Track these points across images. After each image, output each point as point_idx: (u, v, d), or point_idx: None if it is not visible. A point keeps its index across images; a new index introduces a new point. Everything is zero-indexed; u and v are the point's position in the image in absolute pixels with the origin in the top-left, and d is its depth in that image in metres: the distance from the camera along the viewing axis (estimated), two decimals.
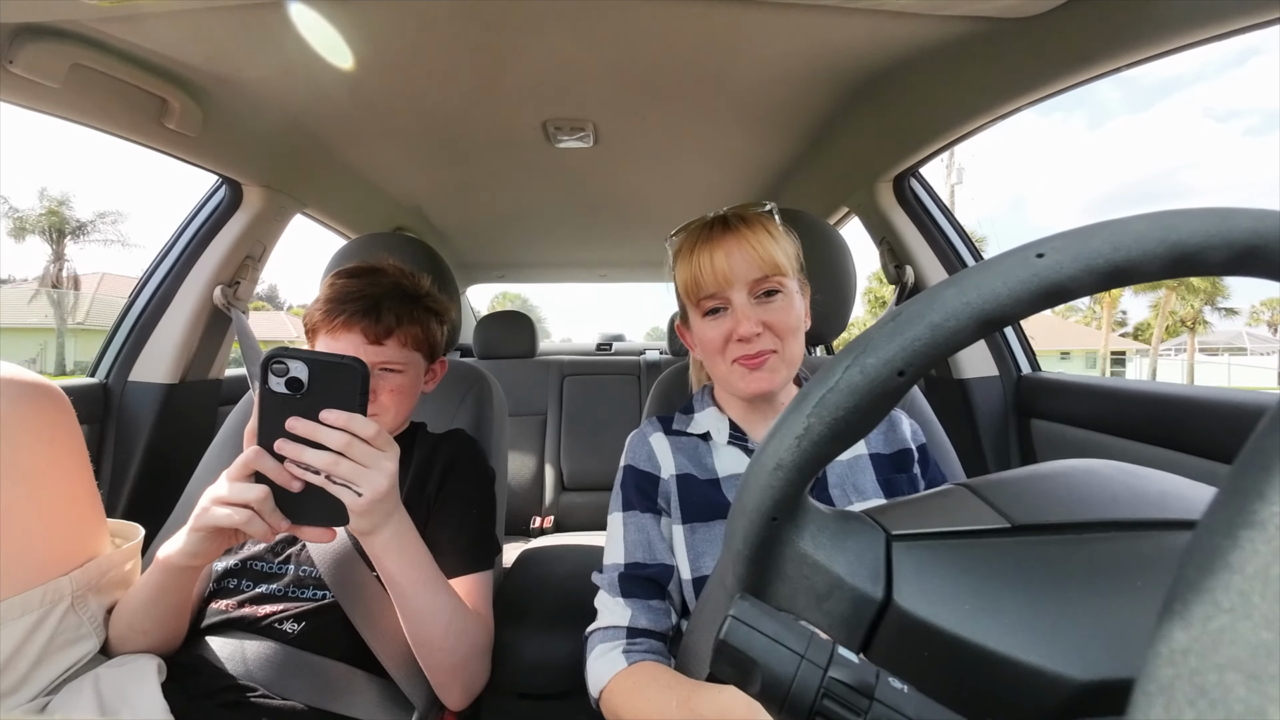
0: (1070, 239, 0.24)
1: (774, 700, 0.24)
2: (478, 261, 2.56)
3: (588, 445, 2.08)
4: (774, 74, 0.98)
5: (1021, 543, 0.27)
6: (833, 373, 0.26)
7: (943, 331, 0.24)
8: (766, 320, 0.68)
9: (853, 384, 0.25)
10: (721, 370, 0.72)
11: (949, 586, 0.26)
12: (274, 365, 0.53)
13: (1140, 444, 0.96)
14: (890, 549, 0.28)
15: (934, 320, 0.24)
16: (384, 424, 0.79)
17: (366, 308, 0.76)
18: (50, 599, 0.58)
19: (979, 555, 0.27)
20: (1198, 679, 0.10)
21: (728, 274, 0.68)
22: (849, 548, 0.28)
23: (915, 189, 1.32)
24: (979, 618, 0.25)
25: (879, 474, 0.72)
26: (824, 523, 0.29)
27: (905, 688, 0.23)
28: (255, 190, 1.27)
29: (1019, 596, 0.25)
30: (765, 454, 0.28)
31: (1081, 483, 0.31)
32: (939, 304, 0.24)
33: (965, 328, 0.24)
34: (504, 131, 1.21)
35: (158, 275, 1.28)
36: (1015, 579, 0.26)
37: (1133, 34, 0.72)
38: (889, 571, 0.27)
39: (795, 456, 0.27)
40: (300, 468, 0.54)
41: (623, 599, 0.67)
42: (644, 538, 0.70)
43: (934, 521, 0.29)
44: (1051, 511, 0.29)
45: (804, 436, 0.26)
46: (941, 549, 0.28)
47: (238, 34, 0.84)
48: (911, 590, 0.27)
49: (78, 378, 1.24)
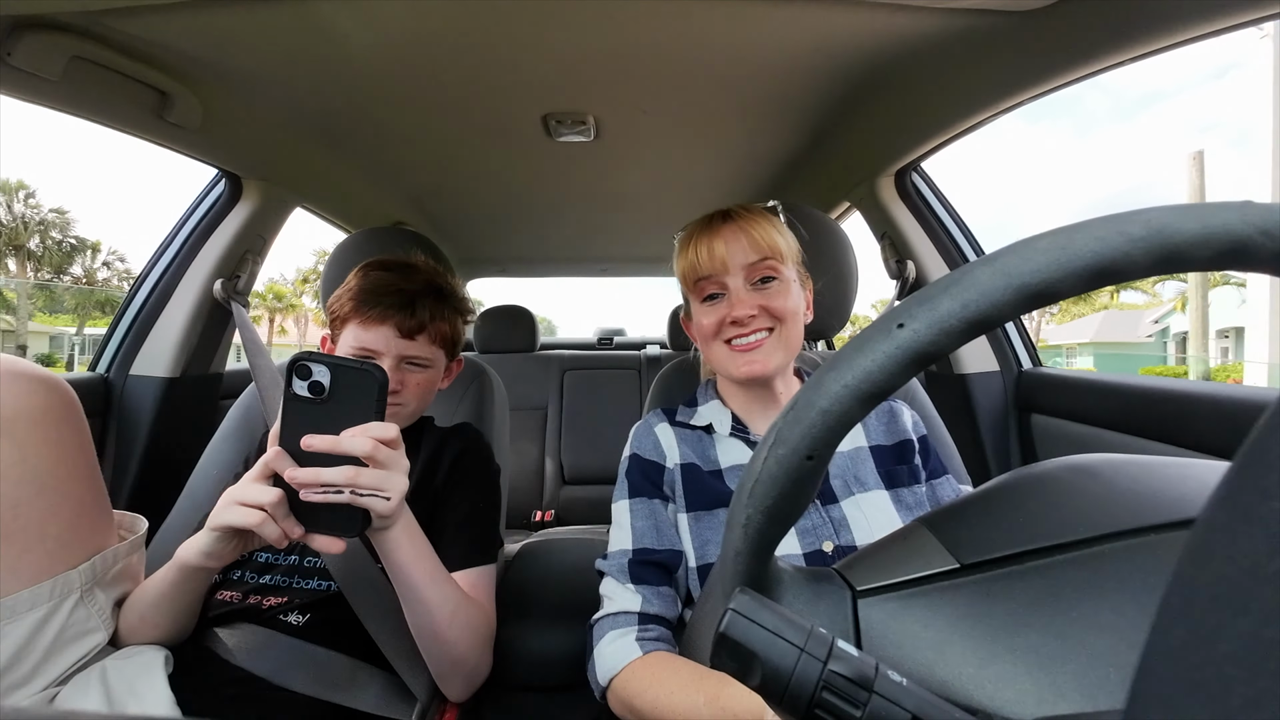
0: (923, 305, 0.26)
1: (774, 693, 0.24)
2: (478, 256, 2.56)
3: (588, 440, 2.09)
4: (775, 67, 0.97)
5: (969, 583, 0.28)
6: (753, 466, 0.29)
7: (831, 415, 0.26)
8: (763, 304, 0.69)
9: (773, 474, 0.28)
10: (718, 355, 0.73)
11: (906, 637, 0.28)
12: (299, 369, 0.53)
13: (1141, 439, 0.96)
14: (856, 606, 0.30)
15: (822, 407, 0.26)
16: (404, 415, 0.80)
17: (402, 303, 0.77)
18: (60, 592, 0.58)
19: (933, 600, 0.28)
20: (1196, 675, 0.11)
21: (724, 258, 0.69)
22: (822, 610, 0.30)
23: (917, 183, 1.32)
24: (935, 666, 0.26)
25: (879, 465, 0.73)
26: (799, 587, 0.31)
27: (904, 681, 0.24)
28: (255, 184, 1.27)
29: (967, 641, 0.26)
30: (725, 544, 0.30)
31: (1035, 500, 0.32)
32: (823, 391, 0.27)
33: (849, 409, 0.26)
34: (504, 125, 1.20)
35: (158, 269, 1.27)
36: (964, 623, 0.27)
37: (1134, 27, 0.71)
38: (856, 629, 0.29)
39: (745, 544, 0.29)
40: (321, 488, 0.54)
41: (632, 585, 0.66)
42: (652, 523, 0.71)
43: (894, 570, 0.30)
44: (995, 543, 0.29)
45: (748, 525, 0.29)
46: (901, 599, 0.29)
47: (236, 27, 0.84)
48: (876, 644, 0.28)
49: (79, 372, 1.24)
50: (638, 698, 0.57)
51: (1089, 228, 0.24)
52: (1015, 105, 0.93)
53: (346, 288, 0.80)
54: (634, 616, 0.64)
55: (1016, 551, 0.28)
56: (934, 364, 0.25)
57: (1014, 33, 0.81)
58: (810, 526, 0.67)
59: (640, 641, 0.62)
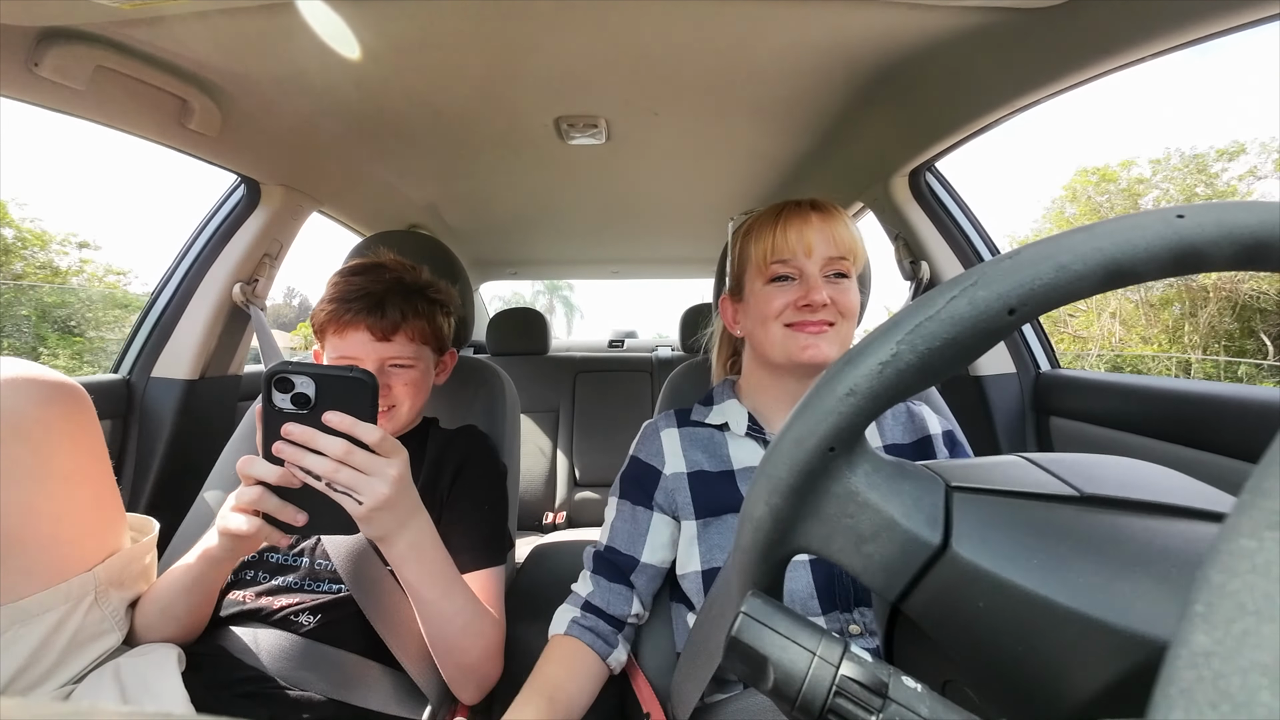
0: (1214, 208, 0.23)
1: (786, 698, 0.24)
2: (491, 258, 2.57)
3: (600, 442, 2.08)
4: (787, 68, 0.97)
5: (1090, 512, 0.26)
6: (934, 302, 0.25)
7: (1066, 274, 0.23)
8: (834, 296, 0.70)
9: (957, 314, 0.24)
10: (775, 336, 0.72)
11: (1014, 542, 0.25)
12: (279, 381, 0.51)
13: (1163, 442, 0.94)
14: (950, 498, 0.27)
15: (1061, 261, 0.23)
16: (398, 418, 0.80)
17: (371, 305, 0.76)
18: (75, 595, 0.59)
19: (1046, 517, 0.26)
20: (1221, 682, 0.10)
21: (811, 244, 0.71)
22: (905, 491, 0.27)
23: (931, 184, 1.30)
24: (1048, 574, 0.24)
25: None
26: (880, 464, 0.28)
27: (919, 686, 0.23)
28: (273, 189, 1.29)
29: (1090, 560, 0.24)
30: (838, 378, 0.26)
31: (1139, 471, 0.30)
32: (1066, 246, 0.23)
33: (1092, 274, 0.23)
34: (516, 129, 1.21)
35: (179, 273, 1.30)
36: (1086, 544, 0.25)
37: (1149, 24, 0.70)
38: (948, 519, 0.26)
39: (874, 384, 0.25)
40: (303, 473, 0.53)
41: (591, 574, 0.73)
42: (628, 527, 0.74)
43: (996, 480, 0.28)
44: (1119, 488, 0.27)
45: (889, 364, 0.25)
46: (1005, 506, 0.27)
47: (255, 36, 0.85)
48: (973, 540, 0.25)
49: (101, 374, 1.27)
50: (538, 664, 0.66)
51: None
52: (1030, 104, 0.92)
53: (321, 298, 0.79)
54: (580, 600, 0.72)
55: (1143, 500, 0.26)
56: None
57: (1028, 30, 0.79)
58: None
59: (571, 623, 0.69)
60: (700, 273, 2.88)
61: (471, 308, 1.15)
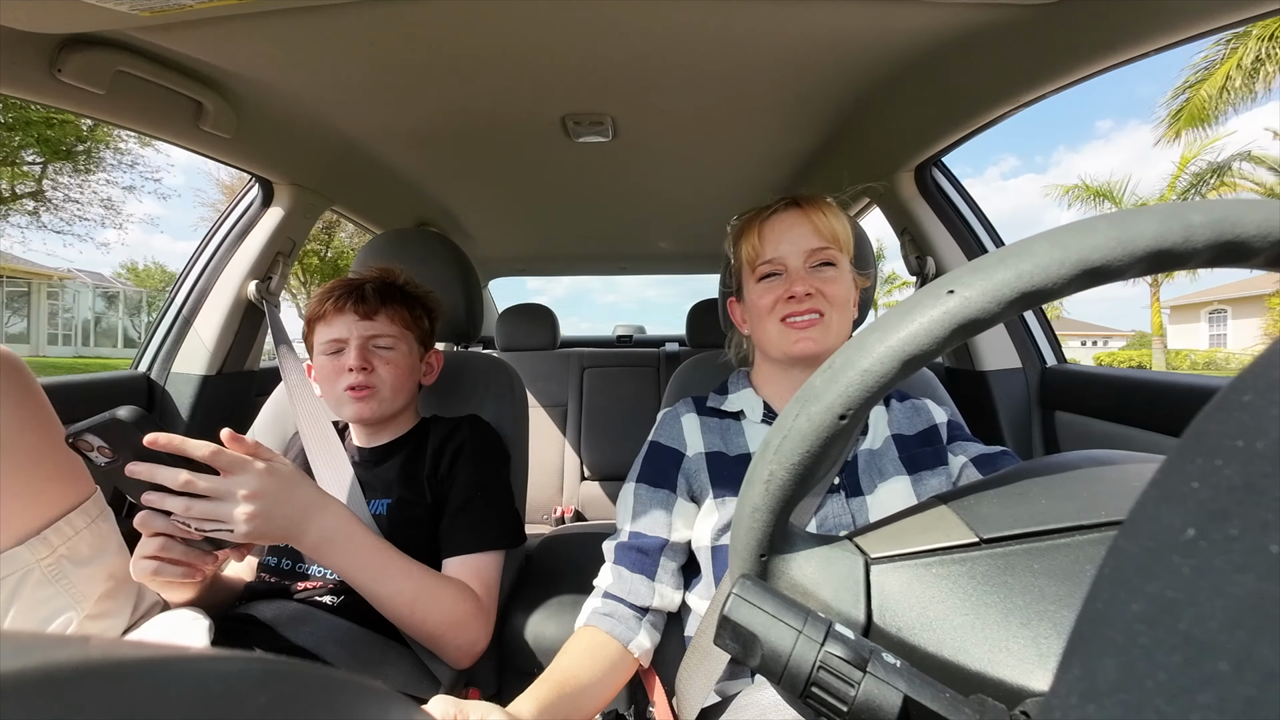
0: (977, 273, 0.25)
1: (773, 673, 0.26)
2: (499, 255, 2.59)
3: (608, 436, 2.11)
4: (792, 64, 0.98)
5: (988, 555, 0.28)
6: (784, 421, 0.29)
7: (871, 375, 0.26)
8: (819, 286, 0.71)
9: (802, 430, 0.28)
10: (771, 332, 0.74)
11: (921, 604, 0.28)
12: (78, 444, 0.52)
13: (1170, 437, 0.94)
14: (869, 572, 0.30)
15: (863, 366, 0.26)
16: (381, 398, 0.83)
17: (352, 289, 0.84)
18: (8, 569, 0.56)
19: (950, 570, 0.28)
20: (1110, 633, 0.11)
21: (789, 238, 0.72)
22: (833, 575, 0.30)
23: (937, 179, 1.30)
24: (945, 633, 0.26)
25: (902, 451, 0.74)
26: (810, 551, 0.31)
27: (898, 662, 0.25)
28: (286, 188, 1.32)
29: (981, 610, 0.26)
30: (743, 501, 0.31)
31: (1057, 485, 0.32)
32: (865, 350, 0.26)
33: (890, 370, 0.26)
34: (523, 127, 1.23)
35: (195, 270, 1.34)
36: (982, 593, 0.27)
37: (1154, 17, 0.70)
38: (868, 594, 0.29)
39: (766, 500, 0.29)
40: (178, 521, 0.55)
41: (612, 565, 0.73)
42: (648, 510, 0.74)
43: (909, 541, 0.30)
44: (1017, 520, 0.29)
45: (770, 481, 0.29)
46: (915, 568, 0.29)
47: (269, 40, 0.87)
48: (889, 611, 0.28)
49: (122, 369, 1.31)
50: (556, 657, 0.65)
51: (1153, 211, 0.24)
52: (1036, 99, 0.92)
53: (311, 299, 0.88)
54: (601, 591, 0.71)
55: (1038, 529, 0.28)
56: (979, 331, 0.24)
57: (1034, 25, 0.80)
58: (829, 514, 0.68)
59: (591, 613, 0.68)
60: (708, 268, 2.88)
61: (480, 304, 1.17)
